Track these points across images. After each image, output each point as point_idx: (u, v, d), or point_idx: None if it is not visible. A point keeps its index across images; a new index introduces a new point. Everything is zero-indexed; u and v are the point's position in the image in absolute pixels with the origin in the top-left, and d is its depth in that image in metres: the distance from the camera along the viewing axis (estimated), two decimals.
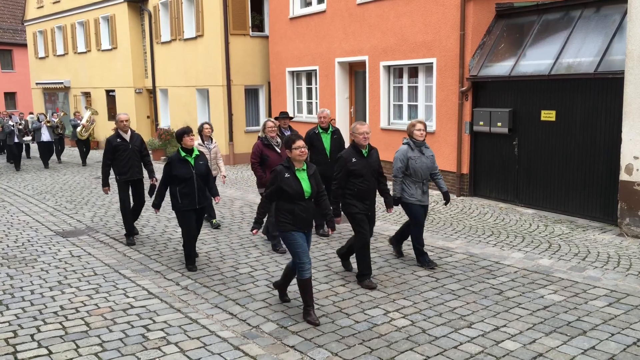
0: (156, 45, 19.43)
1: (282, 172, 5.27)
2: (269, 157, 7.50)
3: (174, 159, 6.72)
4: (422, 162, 6.75)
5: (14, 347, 4.83)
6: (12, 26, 34.51)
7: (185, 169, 6.68)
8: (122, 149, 8.02)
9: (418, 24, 11.64)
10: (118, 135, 8.06)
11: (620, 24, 8.74)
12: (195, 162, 6.76)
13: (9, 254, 7.73)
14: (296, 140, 5.29)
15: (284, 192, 5.21)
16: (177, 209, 6.81)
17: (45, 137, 17.38)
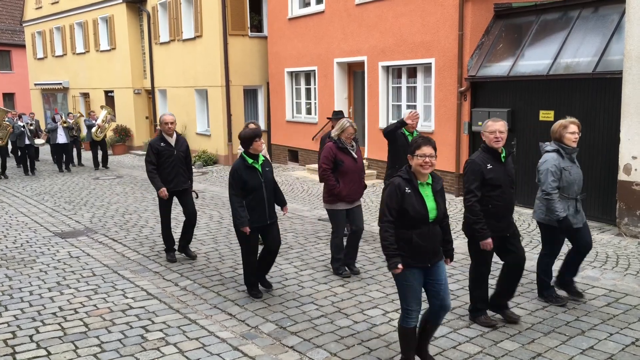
0: (155, 46, 19.43)
1: (401, 185, 4.06)
2: (344, 162, 6.33)
3: (239, 167, 5.69)
4: (577, 173, 5.37)
5: (12, 348, 4.83)
6: (11, 27, 34.49)
7: (253, 178, 5.69)
8: (166, 154, 7.02)
9: (417, 24, 11.65)
10: (162, 139, 7.06)
11: (619, 24, 8.75)
12: (262, 169, 5.79)
13: (7, 255, 7.72)
14: (422, 144, 4.06)
15: (403, 213, 4.02)
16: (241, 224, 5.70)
17: (62, 138, 16.35)
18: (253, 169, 5.74)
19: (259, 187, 5.72)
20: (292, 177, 14.18)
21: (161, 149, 7.01)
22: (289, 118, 16.20)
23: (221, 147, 16.93)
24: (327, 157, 6.34)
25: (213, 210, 10.49)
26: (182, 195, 7.24)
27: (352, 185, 6.36)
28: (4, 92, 34.25)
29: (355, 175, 6.40)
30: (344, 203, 6.35)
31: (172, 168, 7.06)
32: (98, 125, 16.73)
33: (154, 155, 7.00)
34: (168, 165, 7.05)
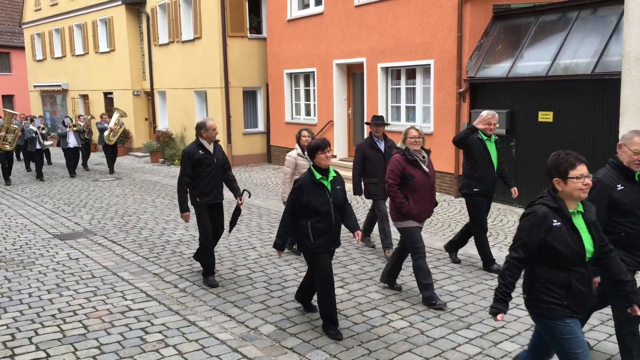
0: (154, 48, 19.43)
1: (547, 217, 3.22)
2: (414, 177, 5.54)
3: (305, 183, 4.92)
4: None
5: (11, 350, 4.82)
6: (10, 29, 34.48)
7: (320, 196, 4.89)
8: (205, 163, 6.27)
9: (415, 26, 11.66)
10: (200, 146, 6.29)
11: (617, 25, 8.76)
12: (332, 187, 4.96)
13: (6, 257, 7.72)
14: (576, 162, 3.36)
15: (552, 252, 3.21)
16: (308, 250, 4.98)
17: (73, 143, 15.70)
18: (321, 187, 4.92)
19: (326, 209, 4.90)
20: None
21: (200, 158, 6.23)
22: (288, 119, 16.20)
23: None
24: (394, 172, 5.59)
25: None
26: (216, 209, 6.54)
27: (423, 203, 5.62)
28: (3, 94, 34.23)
29: (427, 192, 5.65)
30: (415, 221, 5.63)
31: (211, 178, 6.32)
32: (110, 128, 16.18)
33: (191, 166, 6.21)
34: (207, 176, 6.29)
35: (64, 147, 15.73)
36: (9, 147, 14.56)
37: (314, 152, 4.92)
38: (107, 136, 16.06)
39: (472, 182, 6.51)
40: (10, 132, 14.61)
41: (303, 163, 7.07)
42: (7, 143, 14.50)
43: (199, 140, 6.35)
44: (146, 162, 18.64)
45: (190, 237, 8.56)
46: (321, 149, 4.88)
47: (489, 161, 6.50)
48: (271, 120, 16.97)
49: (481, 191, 6.51)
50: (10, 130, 14.61)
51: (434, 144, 11.52)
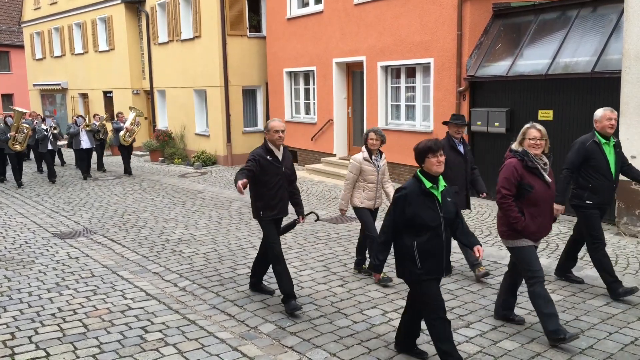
0: (153, 46, 19.41)
1: None
2: (533, 188, 4.62)
3: (411, 192, 4.08)
4: None
5: (11, 349, 4.82)
6: (9, 27, 34.46)
7: (430, 209, 4.05)
8: (272, 171, 5.43)
9: (415, 24, 11.65)
10: (268, 151, 5.47)
11: (617, 24, 8.76)
12: (442, 199, 4.13)
13: (6, 256, 7.71)
14: None
15: None
16: (414, 277, 4.15)
17: (85, 143, 14.96)
18: (431, 198, 4.08)
19: (436, 225, 4.06)
20: None
21: (267, 164, 5.39)
22: (288, 118, 16.20)
23: (220, 148, 16.92)
24: (510, 180, 4.64)
25: (212, 210, 10.49)
26: (277, 223, 5.72)
27: (542, 218, 4.69)
28: (2, 93, 34.22)
29: (547, 206, 4.72)
30: (531, 239, 4.73)
31: (277, 189, 5.47)
32: (126, 128, 15.43)
33: (258, 170, 5.40)
34: (273, 186, 5.45)
35: (76, 148, 15.07)
36: (19, 147, 13.93)
37: (423, 155, 4.07)
38: (123, 136, 15.34)
39: (584, 193, 5.62)
40: (20, 131, 13.96)
41: (369, 169, 6.29)
42: (17, 143, 13.90)
43: (266, 144, 5.50)
44: (146, 161, 18.63)
45: (190, 236, 8.56)
46: (432, 151, 4.04)
47: (606, 169, 5.58)
48: (271, 118, 16.90)
49: (595, 204, 5.62)
50: (20, 130, 13.96)
51: None
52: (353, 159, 6.37)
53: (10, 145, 13.70)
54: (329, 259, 7.20)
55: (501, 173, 4.79)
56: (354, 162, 6.33)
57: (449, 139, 6.43)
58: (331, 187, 12.57)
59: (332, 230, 8.73)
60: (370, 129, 6.42)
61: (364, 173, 6.29)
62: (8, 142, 13.65)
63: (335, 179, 13.40)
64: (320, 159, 14.74)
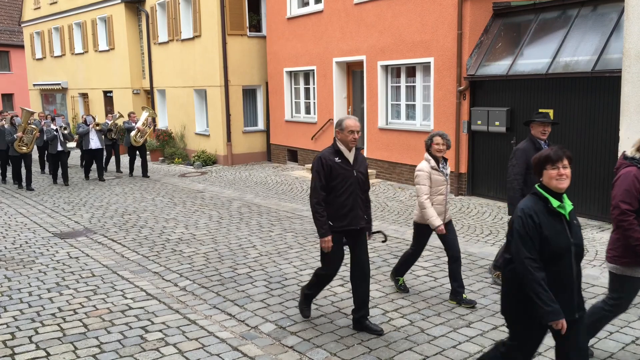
0: (153, 46, 19.41)
1: None
2: None
3: (536, 212, 3.27)
4: None
5: (11, 349, 4.82)
6: (9, 27, 34.46)
7: (560, 233, 3.26)
8: (342, 176, 4.82)
9: (415, 24, 11.65)
10: (337, 153, 4.88)
11: (618, 23, 8.75)
12: (570, 220, 3.34)
13: (6, 256, 7.71)
14: None
15: None
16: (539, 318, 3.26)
17: (95, 143, 14.30)
18: (559, 218, 3.30)
19: (565, 252, 3.27)
20: (291, 177, 14.18)
21: (336, 168, 4.81)
22: (288, 118, 16.19)
23: (220, 147, 16.91)
24: (630, 192, 3.90)
25: (212, 210, 10.48)
26: (355, 237, 4.99)
27: None
28: (2, 93, 34.23)
29: None
30: None
31: (348, 196, 4.84)
32: (138, 128, 14.75)
33: (325, 176, 4.80)
34: (344, 192, 4.83)
35: (86, 148, 14.35)
36: (26, 148, 13.23)
37: (541, 167, 3.32)
38: (134, 137, 14.67)
39: None
40: (27, 132, 13.29)
41: (439, 178, 5.51)
42: (24, 144, 13.22)
43: (336, 145, 4.91)
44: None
45: (190, 236, 8.56)
46: (551, 162, 3.26)
47: None
48: (271, 118, 16.95)
49: None
50: (27, 131, 13.29)
51: None
52: (419, 169, 5.52)
53: (16, 147, 13.12)
54: None
55: (618, 185, 3.97)
56: (422, 173, 5.48)
57: (533, 142, 5.59)
58: None
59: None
60: (434, 133, 5.57)
61: (433, 183, 5.50)
62: (14, 143, 13.07)
63: None
64: None
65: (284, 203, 10.98)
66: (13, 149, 13.15)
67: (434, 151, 5.51)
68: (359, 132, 4.87)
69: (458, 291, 5.58)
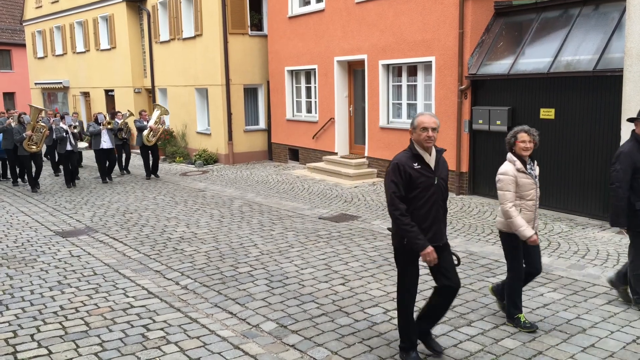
0: (155, 45, 19.42)
1: None
2: None
3: None
4: None
5: (13, 347, 4.83)
6: (11, 26, 34.49)
7: None
8: (422, 184, 4.14)
9: (417, 23, 11.64)
10: (415, 157, 4.19)
11: (619, 22, 8.74)
12: None
13: (8, 254, 7.73)
14: None
15: None
16: None
17: (106, 143, 13.79)
18: None
19: None
20: (292, 176, 14.19)
21: (415, 175, 4.12)
22: (289, 117, 16.20)
23: (221, 146, 16.92)
24: None
25: (214, 209, 10.50)
26: (439, 253, 4.21)
27: None
28: (4, 92, 34.27)
29: None
30: None
31: (430, 207, 4.16)
32: (150, 127, 14.28)
33: (404, 186, 4.11)
34: (425, 203, 4.15)
35: (96, 148, 13.80)
36: (35, 148, 12.70)
37: None
38: (147, 136, 14.19)
39: None
40: (37, 130, 12.71)
41: (527, 182, 4.81)
42: (34, 143, 12.70)
43: (413, 147, 4.21)
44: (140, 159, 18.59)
45: (192, 235, 8.57)
46: None
47: None
48: (272, 117, 16.96)
49: None
50: (37, 129, 12.72)
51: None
52: (503, 173, 4.83)
53: (25, 146, 12.55)
54: (330, 258, 7.20)
55: None
56: (505, 177, 4.80)
57: (638, 140, 5.09)
58: (332, 186, 12.57)
59: (334, 228, 8.73)
60: (518, 128, 4.86)
61: (520, 188, 4.79)
62: (23, 142, 12.53)
63: (336, 177, 13.41)
64: (322, 157, 14.74)
65: (285, 202, 10.99)
66: (22, 148, 12.64)
67: (519, 150, 4.80)
68: (435, 129, 4.13)
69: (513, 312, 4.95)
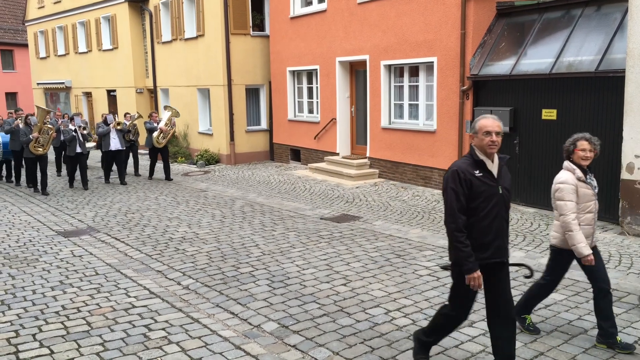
0: (157, 45, 19.44)
1: None
2: None
3: None
4: None
5: (15, 347, 4.84)
6: (13, 26, 34.55)
7: None
8: (484, 193, 3.80)
9: (419, 23, 11.64)
10: (477, 164, 3.85)
11: (621, 23, 8.73)
12: None
13: (10, 254, 7.74)
14: None
15: None
16: None
17: (115, 144, 13.41)
18: None
19: None
20: (294, 176, 14.19)
21: (477, 184, 3.79)
22: (291, 117, 16.21)
23: (223, 146, 16.94)
24: None
25: (215, 209, 10.50)
26: (497, 271, 3.90)
27: None
28: (6, 92, 34.33)
29: None
30: None
31: (492, 219, 3.81)
32: (160, 129, 13.85)
33: (465, 196, 3.78)
34: (487, 214, 3.80)
35: (105, 150, 13.51)
36: (42, 150, 12.27)
37: None
38: (157, 138, 13.81)
39: None
40: (43, 132, 12.25)
41: (587, 192, 4.57)
42: (40, 145, 12.24)
43: (474, 153, 3.88)
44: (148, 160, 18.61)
45: (193, 235, 8.58)
46: None
47: None
48: (274, 117, 16.97)
49: None
50: (43, 131, 12.26)
51: (436, 142, 11.52)
52: (562, 181, 4.54)
53: (32, 148, 12.13)
54: (331, 258, 7.20)
55: None
56: (565, 186, 4.50)
57: None
58: (334, 186, 12.57)
59: (335, 229, 8.74)
60: (579, 135, 4.67)
61: (579, 199, 4.53)
62: (29, 144, 12.10)
63: (338, 177, 13.41)
64: (323, 157, 14.74)
65: (286, 202, 11.00)
66: (28, 150, 12.23)
67: (577, 159, 4.57)
68: (499, 133, 3.80)
69: (610, 332, 4.51)
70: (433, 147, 11.64)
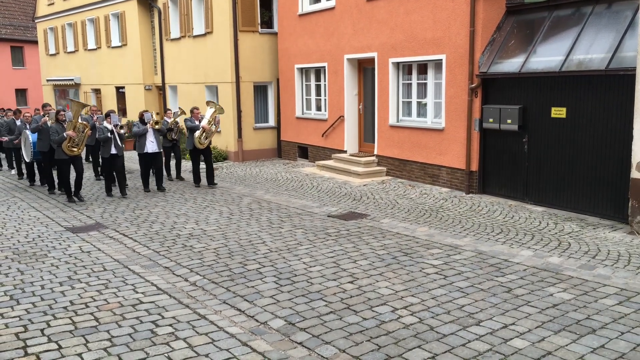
0: (165, 42, 19.49)
1: None
2: None
3: None
4: None
5: (24, 341, 4.87)
6: (23, 23, 34.75)
7: None
8: None
9: (427, 21, 11.59)
10: None
11: (632, 21, 8.65)
12: None
13: (19, 250, 7.79)
14: None
15: None
16: None
17: (152, 146, 11.78)
18: None
19: None
20: (302, 174, 14.19)
21: None
22: (298, 114, 16.20)
23: (231, 143, 16.97)
24: None
25: (223, 206, 10.52)
26: None
27: None
28: (16, 88, 34.55)
29: None
30: None
31: None
32: (203, 127, 12.16)
33: None
34: None
35: (141, 152, 11.84)
36: (77, 150, 10.75)
37: None
38: (199, 137, 12.13)
39: None
40: (78, 130, 10.68)
41: None
42: (75, 145, 10.70)
43: None
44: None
45: (201, 231, 8.60)
46: None
47: None
48: (282, 115, 16.97)
49: None
50: (78, 129, 10.68)
51: (444, 140, 11.48)
52: None
53: (65, 148, 10.56)
54: (338, 255, 7.20)
55: None
56: None
57: None
58: (342, 184, 12.56)
59: (343, 226, 8.73)
60: None
61: None
62: (62, 143, 10.52)
63: (345, 175, 13.39)
64: (331, 155, 14.73)
65: (294, 200, 11.00)
66: (60, 150, 10.64)
67: None
68: None
69: None
70: (441, 145, 11.60)
